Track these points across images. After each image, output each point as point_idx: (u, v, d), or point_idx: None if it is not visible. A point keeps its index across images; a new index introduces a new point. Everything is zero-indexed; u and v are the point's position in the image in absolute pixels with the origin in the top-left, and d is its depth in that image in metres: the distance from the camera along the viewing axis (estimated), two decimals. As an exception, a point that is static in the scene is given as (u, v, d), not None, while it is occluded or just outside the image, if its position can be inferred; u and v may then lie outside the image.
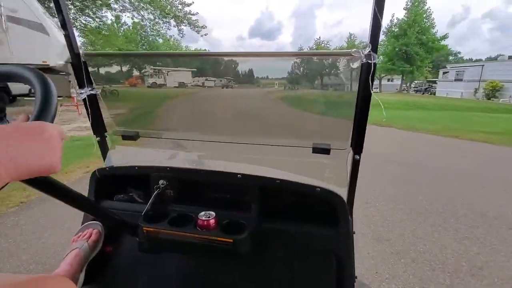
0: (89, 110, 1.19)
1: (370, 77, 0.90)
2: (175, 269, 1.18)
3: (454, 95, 32.20)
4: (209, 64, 1.36)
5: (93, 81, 1.17)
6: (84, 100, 1.16)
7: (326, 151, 1.10)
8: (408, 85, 57.52)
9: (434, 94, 38.88)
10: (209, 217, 1.04)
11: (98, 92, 1.19)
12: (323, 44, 66.51)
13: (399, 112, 15.71)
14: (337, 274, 1.04)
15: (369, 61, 0.88)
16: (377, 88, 56.43)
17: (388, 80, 65.27)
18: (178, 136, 1.39)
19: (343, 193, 1.08)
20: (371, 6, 0.82)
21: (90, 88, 1.16)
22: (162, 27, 18.55)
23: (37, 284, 0.61)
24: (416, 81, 49.75)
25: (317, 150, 1.10)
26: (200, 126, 1.39)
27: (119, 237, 1.25)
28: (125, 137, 1.30)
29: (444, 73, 38.47)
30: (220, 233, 1.01)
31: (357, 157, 1.02)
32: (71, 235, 1.18)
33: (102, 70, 1.31)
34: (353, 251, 1.04)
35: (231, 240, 0.97)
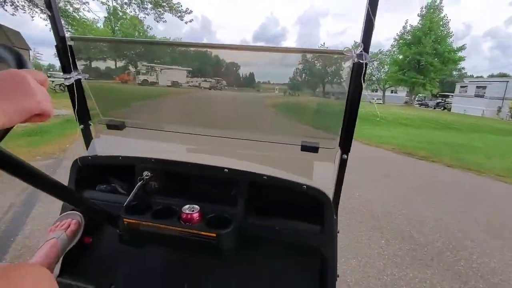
0: (74, 97, 1.17)
1: (361, 77, 0.89)
2: (156, 262, 1.17)
3: (473, 113, 28.67)
4: (201, 62, 1.30)
5: (78, 67, 1.15)
6: (68, 86, 1.15)
7: (314, 149, 1.10)
8: (412, 98, 53.95)
9: (449, 110, 34.95)
10: (193, 210, 1.03)
11: (84, 79, 1.17)
12: (327, 50, 62.99)
13: (430, 133, 11.90)
14: (320, 272, 1.05)
15: (361, 61, 0.87)
16: (380, 99, 53.14)
17: (392, 92, 61.81)
18: (165, 128, 1.34)
19: (329, 192, 1.08)
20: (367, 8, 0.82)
21: (76, 73, 1.14)
22: (137, 13, 15.19)
23: (9, 273, 0.57)
24: (419, 95, 46.46)
25: (305, 148, 1.10)
26: (188, 119, 1.37)
27: (99, 228, 1.24)
28: (110, 127, 1.29)
29: (462, 87, 34.65)
30: (203, 227, 1.00)
31: (344, 156, 1.02)
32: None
33: (90, 56, 1.29)
34: (337, 250, 1.05)
35: (215, 235, 0.97)
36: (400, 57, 38.18)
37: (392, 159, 7.22)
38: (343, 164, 1.03)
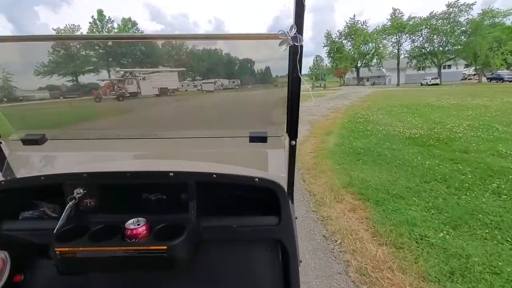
0: None
1: (298, 60, 0.91)
2: None
3: None
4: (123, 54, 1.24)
5: None
6: None
7: (263, 139, 1.10)
8: (479, 72, 40.53)
9: None
10: (138, 224, 0.97)
11: None
12: (359, 25, 49.86)
13: None
14: (282, 260, 1.09)
15: (296, 44, 0.88)
16: (436, 78, 40.01)
17: (444, 67, 47.82)
18: (96, 136, 1.21)
19: (283, 180, 1.10)
20: None
21: None
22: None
23: None
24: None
25: (254, 139, 1.10)
26: (123, 123, 1.29)
27: (31, 262, 1.13)
28: (27, 142, 1.14)
29: None
30: (152, 241, 0.95)
31: (293, 142, 1.03)
32: None
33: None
34: (296, 236, 1.08)
35: (165, 247, 0.92)
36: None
37: None
38: (292, 151, 1.05)
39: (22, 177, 1.14)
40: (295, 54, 0.89)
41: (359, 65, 56.34)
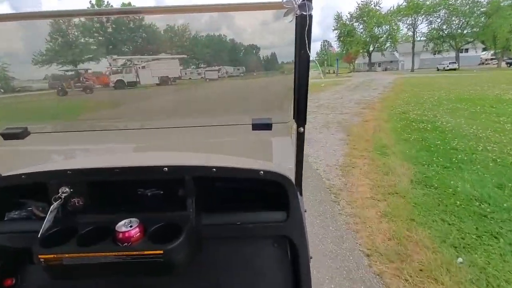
0: None
1: (306, 34, 0.78)
2: None
3: None
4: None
5: None
6: None
7: (267, 126, 1.00)
8: (499, 56, 38.95)
9: None
10: (131, 226, 0.89)
11: None
12: (372, 6, 47.75)
13: None
14: (292, 257, 1.03)
15: (304, 13, 0.76)
16: (454, 63, 38.49)
17: (461, 51, 45.93)
18: (84, 127, 1.10)
19: (290, 171, 1.02)
20: None
21: None
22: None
23: None
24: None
25: (257, 126, 1.00)
26: (116, 113, 1.14)
27: (22, 264, 1.08)
28: (7, 136, 1.05)
29: None
30: (146, 244, 0.87)
31: (301, 129, 0.94)
32: None
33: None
34: (306, 231, 1.01)
35: (161, 252, 0.84)
36: None
37: None
38: (300, 138, 0.95)
39: (2, 175, 1.07)
40: (303, 27, 0.77)
41: (371, 49, 54.48)
